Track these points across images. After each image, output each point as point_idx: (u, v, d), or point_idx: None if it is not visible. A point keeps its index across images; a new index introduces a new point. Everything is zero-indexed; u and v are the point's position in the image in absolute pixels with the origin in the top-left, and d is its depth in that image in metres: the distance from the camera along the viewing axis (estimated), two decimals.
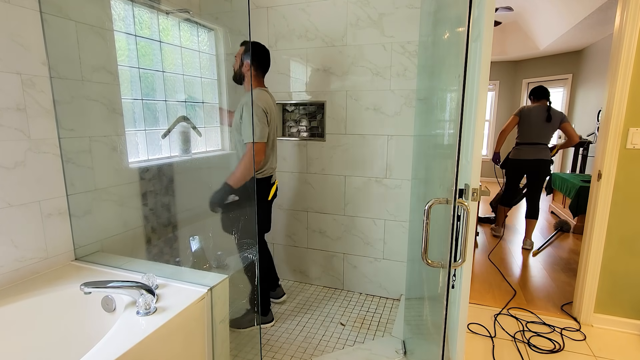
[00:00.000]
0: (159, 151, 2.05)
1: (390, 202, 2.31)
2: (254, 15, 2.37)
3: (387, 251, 2.38)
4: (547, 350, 1.89)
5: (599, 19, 4.08)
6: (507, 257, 3.16)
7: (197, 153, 2.22)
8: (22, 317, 1.25)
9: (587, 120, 5.24)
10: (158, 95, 2.02)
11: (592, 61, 5.24)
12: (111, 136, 1.69)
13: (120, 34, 1.76)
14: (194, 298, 1.26)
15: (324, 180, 2.45)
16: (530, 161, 3.18)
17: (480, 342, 1.96)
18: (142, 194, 1.87)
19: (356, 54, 2.21)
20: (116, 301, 1.29)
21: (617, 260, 2.04)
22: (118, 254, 1.71)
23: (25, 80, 1.34)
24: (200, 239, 2.02)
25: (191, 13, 2.13)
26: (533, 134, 3.15)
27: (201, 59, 2.31)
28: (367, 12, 2.14)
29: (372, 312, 2.26)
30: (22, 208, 1.36)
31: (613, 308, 2.09)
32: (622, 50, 1.85)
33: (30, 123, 1.37)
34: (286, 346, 1.91)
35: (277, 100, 2.45)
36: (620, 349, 1.91)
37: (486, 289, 2.57)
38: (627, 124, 1.91)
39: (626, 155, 1.93)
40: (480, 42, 0.91)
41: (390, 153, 2.26)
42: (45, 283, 1.36)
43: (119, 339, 1.03)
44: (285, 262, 2.66)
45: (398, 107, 2.19)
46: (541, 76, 6.29)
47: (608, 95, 1.96)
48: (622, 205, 1.98)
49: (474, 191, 0.97)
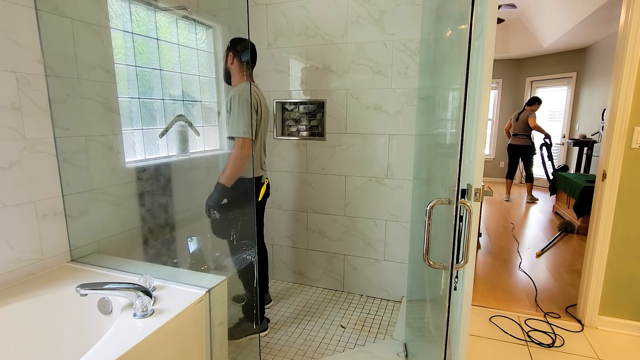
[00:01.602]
0: (156, 151, 2.03)
1: (391, 202, 2.29)
2: (252, 12, 2.35)
3: (388, 252, 2.35)
4: (548, 346, 1.86)
5: (604, 17, 4.04)
6: (510, 259, 3.13)
7: (195, 152, 2.20)
8: (17, 320, 1.23)
9: (592, 119, 5.20)
10: (155, 94, 2.01)
11: (596, 59, 5.20)
12: (108, 135, 1.67)
13: (117, 32, 1.74)
14: (192, 300, 1.25)
15: (324, 180, 2.43)
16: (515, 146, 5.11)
17: (483, 345, 1.94)
18: (139, 194, 1.85)
19: (357, 51, 2.19)
20: (113, 303, 1.28)
21: (622, 261, 2.01)
22: (115, 255, 1.69)
23: (20, 79, 1.33)
24: (198, 240, 2.01)
25: (189, 10, 2.11)
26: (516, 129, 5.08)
27: (199, 57, 2.29)
28: (368, 9, 2.12)
29: (372, 314, 2.24)
30: (17, 209, 1.35)
31: (618, 310, 2.06)
32: (627, 48, 1.82)
33: (26, 122, 1.35)
34: (285, 349, 1.89)
35: (276, 99, 2.43)
36: (625, 352, 1.88)
37: (489, 290, 2.54)
38: (633, 123, 1.88)
39: (631, 155, 1.91)
40: (483, 39, 0.90)
41: (392, 153, 2.23)
42: (40, 285, 1.35)
43: (115, 342, 1.01)
44: (285, 264, 2.64)
45: (399, 106, 2.16)
46: (545, 74, 6.24)
47: (613, 94, 1.93)
48: (627, 205, 1.95)
49: (477, 191, 0.95)
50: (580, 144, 4.89)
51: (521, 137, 5.01)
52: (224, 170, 1.78)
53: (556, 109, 6.21)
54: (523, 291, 2.53)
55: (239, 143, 1.73)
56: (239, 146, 1.73)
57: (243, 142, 1.72)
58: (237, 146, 1.73)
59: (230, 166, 1.76)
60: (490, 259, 3.12)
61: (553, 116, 6.27)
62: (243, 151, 1.72)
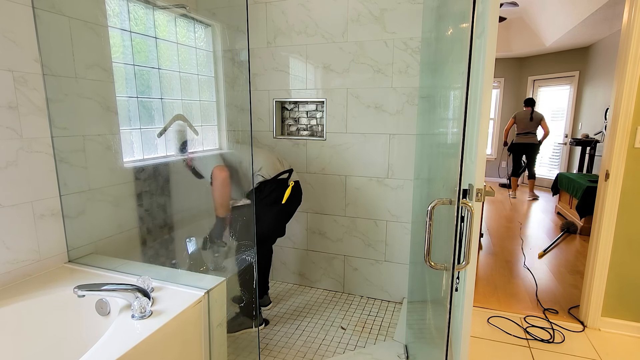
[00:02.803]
0: (154, 150, 2.02)
1: (392, 202, 2.27)
2: (252, 10, 2.34)
3: (389, 253, 2.34)
4: (547, 342, 1.85)
5: (607, 15, 4.01)
6: (512, 259, 3.12)
7: (193, 152, 2.19)
8: (14, 321, 1.23)
9: (595, 118, 5.17)
10: (154, 93, 2.00)
11: (599, 58, 5.17)
12: (105, 135, 1.66)
13: (114, 30, 1.73)
14: (191, 301, 1.24)
15: (324, 181, 2.41)
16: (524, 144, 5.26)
17: (485, 347, 1.92)
18: (137, 194, 1.84)
19: (357, 50, 2.17)
20: (110, 304, 1.27)
21: (625, 262, 1.99)
22: (112, 256, 1.68)
23: (17, 78, 1.32)
24: (197, 241, 2.00)
25: (187, 8, 2.10)
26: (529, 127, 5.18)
27: (198, 56, 2.28)
28: (369, 7, 2.10)
29: (373, 316, 2.22)
30: (14, 209, 1.34)
31: (621, 312, 2.04)
32: (631, 47, 1.81)
33: (23, 121, 1.34)
34: (285, 350, 1.88)
35: (275, 98, 2.42)
36: (628, 354, 1.86)
37: (491, 292, 2.52)
38: (636, 123, 1.86)
39: (634, 155, 1.89)
40: (485, 38, 0.88)
41: (392, 152, 2.22)
42: (37, 286, 1.34)
43: (113, 343, 1.01)
44: (285, 265, 2.63)
45: (400, 105, 2.15)
46: (547, 73, 6.21)
47: (616, 93, 1.92)
48: (631, 206, 1.93)
49: (478, 191, 0.94)
50: (582, 144, 4.87)
51: (532, 135, 5.20)
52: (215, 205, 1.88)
53: (558, 108, 6.18)
54: (525, 292, 2.51)
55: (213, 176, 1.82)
56: (214, 178, 1.82)
57: (214, 174, 1.82)
58: (213, 179, 1.82)
59: (215, 198, 1.86)
60: (492, 259, 3.10)
61: (555, 115, 6.24)
62: (217, 181, 1.82)
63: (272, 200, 1.93)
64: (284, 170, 2.02)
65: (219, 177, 1.81)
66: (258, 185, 1.91)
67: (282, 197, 1.95)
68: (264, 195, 1.91)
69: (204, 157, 1.88)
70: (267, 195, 1.92)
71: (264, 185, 1.91)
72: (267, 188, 1.92)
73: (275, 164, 1.99)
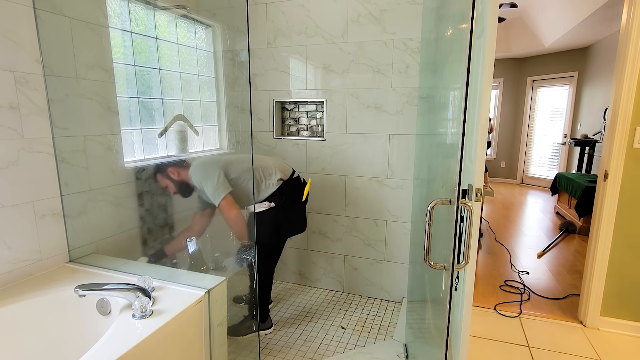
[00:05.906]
0: (155, 150, 2.02)
1: (391, 202, 2.28)
2: (252, 11, 2.34)
3: (389, 253, 2.34)
4: (550, 344, 1.85)
5: (606, 16, 4.02)
6: (512, 260, 3.12)
7: (194, 152, 2.19)
8: (15, 320, 1.23)
9: (594, 118, 5.18)
10: (154, 93, 2.00)
11: (598, 58, 5.18)
12: (106, 135, 1.66)
13: (115, 31, 1.73)
14: (191, 301, 1.24)
15: (324, 181, 2.42)
16: None
17: (484, 346, 1.92)
18: (138, 194, 1.84)
19: (357, 51, 2.18)
20: (111, 304, 1.27)
21: (624, 262, 2.00)
22: (113, 256, 1.69)
23: (19, 78, 1.32)
24: (197, 241, 2.00)
25: (188, 9, 2.11)
26: None
27: (198, 57, 2.29)
28: (368, 8, 2.11)
29: (373, 315, 2.23)
30: (15, 209, 1.34)
31: (620, 311, 2.05)
32: (629, 47, 1.81)
33: (24, 122, 1.35)
34: (285, 350, 1.88)
35: (276, 98, 2.42)
36: (627, 353, 1.87)
37: (490, 291, 2.53)
38: (635, 123, 1.87)
39: (633, 155, 1.89)
40: (484, 38, 0.89)
41: (392, 152, 2.22)
42: (38, 285, 1.34)
43: (114, 343, 1.01)
44: (285, 265, 2.63)
45: (400, 106, 2.15)
46: (546, 74, 6.22)
47: (615, 93, 1.92)
48: (629, 206, 1.94)
49: (478, 191, 0.94)
50: (581, 144, 4.87)
51: None
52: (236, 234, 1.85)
53: (558, 109, 6.19)
54: (525, 292, 2.51)
55: (223, 206, 1.78)
56: (226, 208, 1.78)
57: (225, 202, 1.77)
58: (225, 209, 1.78)
59: (232, 227, 1.82)
60: (491, 259, 3.11)
61: (554, 116, 6.25)
62: (230, 221, 1.79)
63: (292, 200, 1.93)
64: (293, 170, 2.03)
65: (230, 216, 1.78)
66: (279, 186, 1.90)
67: (300, 194, 1.96)
68: (285, 196, 1.91)
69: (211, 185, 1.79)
70: (288, 194, 1.92)
71: (284, 185, 1.91)
72: (286, 188, 1.91)
73: (284, 165, 2.00)
